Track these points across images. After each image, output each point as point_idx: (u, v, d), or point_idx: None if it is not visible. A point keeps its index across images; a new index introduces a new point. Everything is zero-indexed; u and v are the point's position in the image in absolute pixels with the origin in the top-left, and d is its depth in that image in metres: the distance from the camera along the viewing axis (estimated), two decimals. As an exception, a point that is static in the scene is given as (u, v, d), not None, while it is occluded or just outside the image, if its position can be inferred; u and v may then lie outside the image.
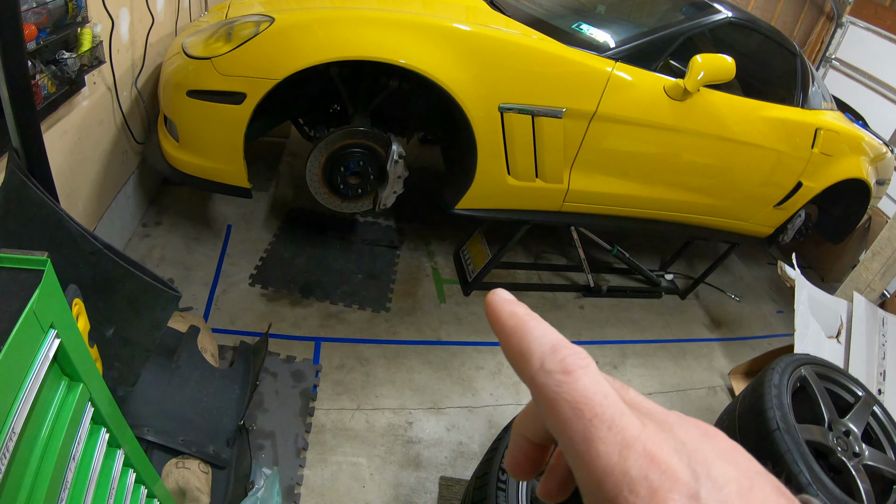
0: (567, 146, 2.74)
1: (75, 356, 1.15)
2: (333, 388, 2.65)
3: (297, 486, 2.22)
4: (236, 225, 3.52)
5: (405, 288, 3.31)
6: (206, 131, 2.57)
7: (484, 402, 2.70)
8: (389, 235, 3.67)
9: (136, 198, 3.25)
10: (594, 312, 3.40)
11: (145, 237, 3.24)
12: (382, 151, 2.81)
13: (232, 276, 3.15)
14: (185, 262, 3.16)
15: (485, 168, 2.71)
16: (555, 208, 2.96)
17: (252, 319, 2.92)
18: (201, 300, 2.96)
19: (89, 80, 2.40)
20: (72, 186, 2.44)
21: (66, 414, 1.14)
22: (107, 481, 1.34)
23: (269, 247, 3.41)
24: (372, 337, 2.96)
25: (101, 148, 2.70)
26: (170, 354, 2.32)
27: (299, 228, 3.58)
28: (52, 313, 1.05)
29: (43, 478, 1.04)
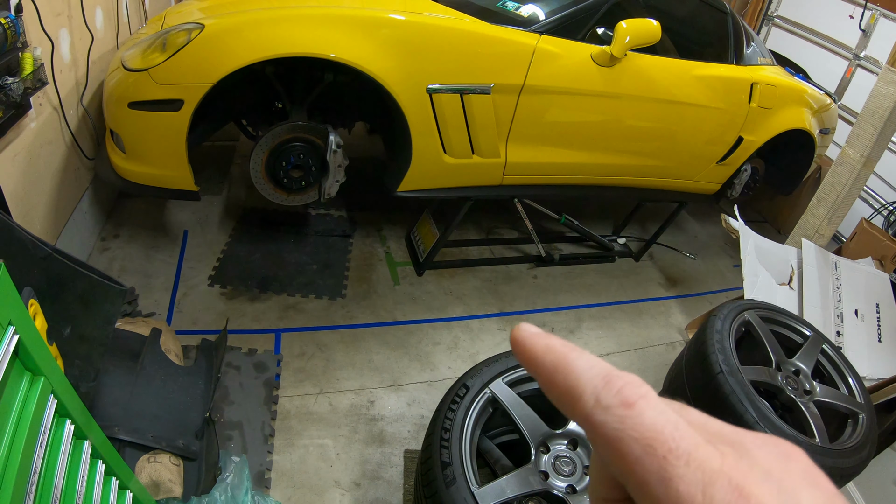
0: (499, 120, 2.94)
1: (35, 351, 1.35)
2: (295, 375, 2.86)
3: (267, 471, 2.43)
4: (192, 230, 3.70)
5: (360, 274, 3.53)
6: (149, 140, 2.74)
7: (443, 376, 2.93)
8: (341, 225, 3.88)
9: (93, 213, 3.42)
10: (548, 281, 3.63)
11: (105, 250, 3.42)
12: (321, 143, 2.99)
13: (191, 280, 3.34)
14: (146, 270, 3.35)
15: (420, 149, 2.91)
16: (495, 182, 3.17)
17: (213, 318, 3.12)
18: (163, 305, 3.16)
19: (35, 102, 2.57)
20: (27, 206, 2.61)
21: (30, 406, 1.34)
22: (76, 471, 1.55)
23: (225, 247, 3.60)
24: (330, 323, 3.17)
25: (53, 167, 2.87)
26: (135, 357, 2.52)
27: (254, 227, 3.78)
28: (8, 312, 1.24)
29: (12, 464, 1.23)
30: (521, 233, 3.94)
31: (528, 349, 0.34)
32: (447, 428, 1.85)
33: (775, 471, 0.27)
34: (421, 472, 1.93)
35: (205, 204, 3.89)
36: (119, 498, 1.82)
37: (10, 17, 2.20)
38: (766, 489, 0.26)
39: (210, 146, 4.27)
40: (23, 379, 1.36)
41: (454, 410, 1.86)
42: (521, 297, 3.48)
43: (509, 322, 3.29)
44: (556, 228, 3.91)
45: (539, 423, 1.90)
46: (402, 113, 2.78)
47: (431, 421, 1.99)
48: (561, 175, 3.28)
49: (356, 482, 2.43)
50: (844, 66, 4.98)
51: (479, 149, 3.00)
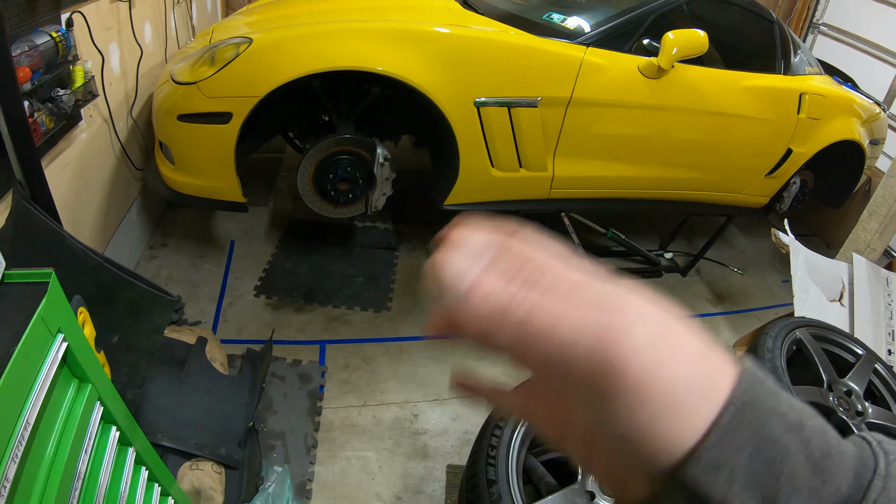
0: (547, 134, 2.87)
1: (83, 359, 1.32)
2: (339, 387, 2.81)
3: (309, 482, 2.38)
4: (239, 241, 3.71)
5: (405, 287, 3.47)
6: (198, 152, 2.76)
7: (486, 391, 2.84)
8: (387, 238, 3.83)
9: (141, 222, 3.45)
10: None
11: (152, 259, 3.44)
12: (368, 156, 2.97)
13: (237, 290, 3.33)
14: (192, 279, 3.35)
15: (468, 163, 2.86)
16: (543, 196, 3.09)
17: (258, 328, 3.09)
18: (209, 314, 3.15)
19: (85, 114, 2.60)
20: (77, 215, 2.63)
21: (76, 412, 1.31)
22: (119, 476, 1.51)
23: (271, 258, 3.59)
24: (375, 336, 3.12)
25: (103, 177, 2.90)
26: (180, 365, 2.50)
27: (300, 239, 3.76)
28: (58, 319, 1.21)
29: (57, 468, 1.20)
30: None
31: None
32: (494, 445, 1.76)
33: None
34: (466, 488, 1.85)
35: (251, 215, 3.89)
36: None
37: (61, 31, 2.22)
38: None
39: (257, 158, 4.28)
40: (70, 385, 1.33)
41: (501, 427, 1.78)
42: None
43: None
44: (603, 243, 3.80)
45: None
46: (450, 126, 2.74)
47: (478, 437, 1.91)
48: (608, 189, 3.19)
49: (398, 496, 2.35)
50: (893, 74, 4.76)
51: (527, 162, 2.93)
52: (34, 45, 2.04)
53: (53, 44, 2.17)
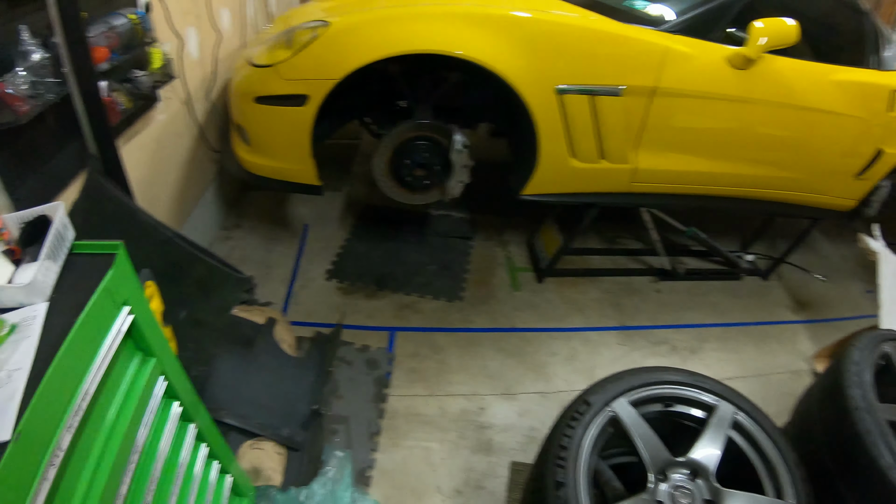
0: (629, 124, 2.75)
1: (148, 332, 1.33)
2: (407, 375, 2.79)
3: (369, 469, 2.37)
4: (313, 225, 3.75)
5: (479, 277, 3.41)
6: (274, 134, 2.79)
7: (557, 388, 2.75)
8: (462, 227, 3.78)
9: (217, 203, 3.53)
10: (672, 296, 3.36)
11: (226, 240, 3.52)
12: (446, 142, 2.92)
13: (309, 273, 3.37)
14: (265, 260, 3.41)
15: (547, 152, 2.77)
16: (623, 189, 2.97)
17: (328, 312, 3.11)
18: (280, 296, 3.19)
19: (164, 96, 2.67)
20: (154, 194, 2.71)
21: (138, 385, 1.32)
22: (178, 451, 1.52)
23: (344, 243, 3.61)
24: (446, 325, 3.08)
25: (180, 158, 2.98)
26: (248, 344, 2.53)
27: (374, 225, 3.77)
28: (124, 292, 1.22)
29: (115, 439, 1.20)
30: (646, 244, 3.69)
31: None
32: (564, 446, 1.68)
33: None
34: (530, 489, 1.78)
35: (326, 200, 3.94)
36: (219, 481, 1.81)
37: (139, 14, 2.28)
38: None
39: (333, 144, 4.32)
40: (134, 359, 1.35)
41: (573, 427, 1.69)
42: (643, 310, 3.24)
43: (629, 337, 3.06)
44: (682, 241, 3.62)
45: (660, 449, 1.69)
46: (530, 114, 2.66)
47: (547, 437, 1.83)
48: (690, 185, 3.03)
49: (458, 489, 2.31)
50: None
51: (608, 153, 2.82)
52: (111, 27, 2.09)
53: (131, 26, 2.22)
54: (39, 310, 1.11)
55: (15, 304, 1.12)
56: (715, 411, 1.75)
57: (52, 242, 1.15)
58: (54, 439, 1.00)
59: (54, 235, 1.15)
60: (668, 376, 1.80)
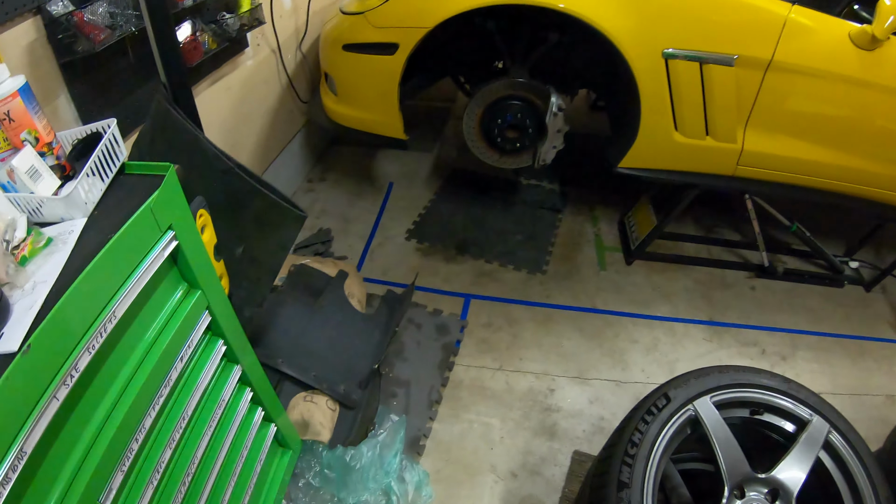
0: (740, 99, 2.49)
1: (195, 262, 1.28)
2: (477, 345, 2.68)
3: (424, 437, 2.30)
4: (398, 182, 3.68)
5: (564, 252, 3.24)
6: (362, 83, 2.72)
7: (633, 378, 2.57)
8: (552, 198, 3.61)
9: (303, 154, 3.53)
10: (766, 295, 3.06)
11: (309, 191, 3.52)
12: (541, 104, 2.76)
13: (389, 230, 3.31)
14: (346, 215, 3.38)
15: (649, 122, 2.56)
16: (727, 172, 2.71)
17: (404, 272, 3.05)
18: (356, 251, 3.15)
19: (253, 42, 2.66)
20: (236, 138, 2.72)
21: (178, 317, 1.27)
22: (218, 392, 1.48)
23: (428, 204, 3.53)
24: (524, 298, 2.94)
25: (267, 105, 2.98)
26: (316, 295, 2.50)
27: (460, 188, 3.66)
28: (170, 215, 1.17)
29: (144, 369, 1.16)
30: (744, 236, 3.40)
31: None
32: (635, 443, 1.52)
33: None
34: (590, 485, 1.63)
35: (413, 160, 3.86)
36: (261, 428, 1.78)
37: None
38: None
39: (426, 106, 4.23)
40: (178, 288, 1.30)
41: (647, 423, 1.52)
42: (734, 307, 2.97)
43: (717, 333, 2.81)
44: (781, 237, 3.29)
45: (741, 461, 1.49)
46: (634, 79, 2.46)
47: (618, 430, 1.67)
48: (800, 174, 2.72)
49: (513, 472, 2.20)
50: None
51: (714, 130, 2.57)
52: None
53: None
54: (77, 225, 1.07)
55: (56, 219, 1.09)
56: (807, 427, 1.53)
57: (98, 158, 1.10)
58: (70, 358, 0.95)
59: (101, 151, 1.10)
60: (760, 380, 1.59)
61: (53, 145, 1.13)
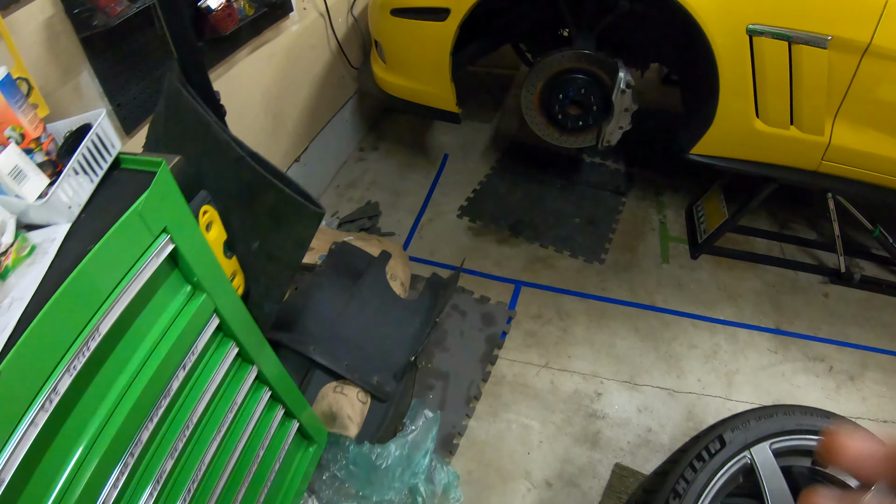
0: (832, 86, 2.23)
1: (198, 264, 1.20)
2: (524, 338, 2.57)
3: (458, 435, 2.21)
4: (453, 155, 3.55)
5: (625, 240, 3.06)
6: (411, 51, 2.59)
7: (688, 388, 2.40)
8: (616, 180, 3.40)
9: (354, 122, 3.43)
10: (840, 305, 2.80)
11: (360, 161, 3.42)
12: (608, 79, 2.56)
13: (440, 206, 3.20)
14: (396, 187, 3.28)
15: (728, 106, 2.34)
16: (810, 167, 2.46)
17: (453, 252, 2.94)
18: (405, 227, 3.06)
19: (298, 6, 2.54)
20: (281, 107, 2.63)
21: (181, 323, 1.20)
22: (231, 395, 1.42)
23: (483, 179, 3.39)
24: (578, 289, 2.79)
25: (314, 72, 2.87)
26: (356, 277, 2.42)
27: (519, 163, 3.49)
28: (163, 217, 1.08)
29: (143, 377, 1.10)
30: (821, 234, 3.13)
31: None
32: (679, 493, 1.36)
33: None
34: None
35: (471, 131, 3.70)
36: (282, 425, 1.72)
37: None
38: None
39: (487, 73, 4.03)
40: (180, 292, 1.22)
41: (696, 471, 1.37)
42: (804, 315, 2.73)
43: (783, 344, 2.59)
44: (865, 241, 2.99)
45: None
46: (713, 56, 2.23)
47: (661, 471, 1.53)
48: (892, 175, 2.43)
49: (548, 481, 2.10)
50: None
51: (800, 119, 2.32)
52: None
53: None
54: (59, 232, 1.00)
55: (44, 221, 1.02)
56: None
57: (84, 155, 1.02)
58: (49, 381, 0.90)
59: (87, 147, 1.02)
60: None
61: (42, 140, 1.05)
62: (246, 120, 2.46)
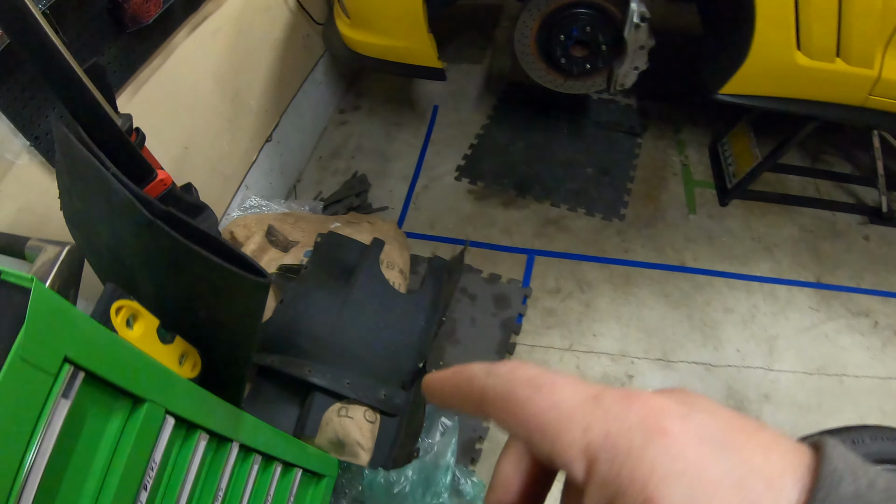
0: (886, 15, 1.93)
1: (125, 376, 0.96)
2: (543, 318, 2.35)
3: (480, 440, 2.04)
4: (444, 105, 3.23)
5: (645, 189, 2.78)
6: (376, 2, 2.25)
7: (726, 360, 2.19)
8: (630, 118, 3.07)
9: (329, 82, 3.11)
10: (882, 248, 2.54)
11: (341, 125, 3.12)
12: (617, 12, 2.23)
13: (435, 168, 2.92)
14: (384, 151, 2.99)
15: (765, 37, 2.02)
16: (856, 102, 2.17)
17: (455, 222, 2.69)
18: (398, 197, 2.80)
19: None
20: (238, 86, 2.34)
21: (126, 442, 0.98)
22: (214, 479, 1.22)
23: (480, 131, 3.08)
24: (599, 254, 2.55)
25: (273, 37, 2.56)
26: (347, 276, 2.18)
27: (518, 108, 3.18)
28: (60, 345, 0.84)
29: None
30: (857, 167, 2.84)
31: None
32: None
33: None
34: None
35: (462, 75, 3.35)
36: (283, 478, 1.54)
37: None
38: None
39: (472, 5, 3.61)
40: (113, 411, 0.99)
41: None
42: (845, 263, 2.49)
43: (825, 299, 2.36)
44: None
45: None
46: None
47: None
48: None
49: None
50: None
51: (847, 51, 2.02)
52: None
53: None
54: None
55: None
56: None
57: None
58: None
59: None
60: None
61: None
62: (198, 112, 2.16)
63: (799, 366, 2.18)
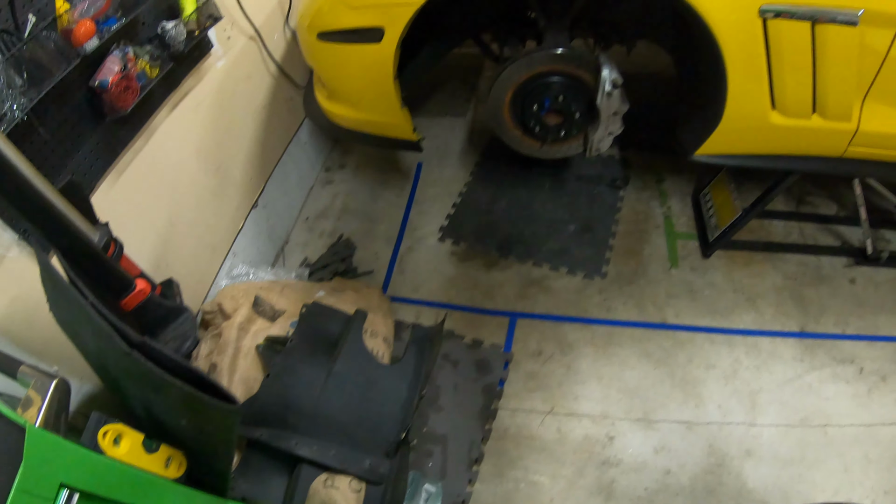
0: (862, 67, 2.07)
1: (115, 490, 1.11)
2: (525, 381, 2.51)
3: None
4: (427, 162, 3.43)
5: (628, 244, 2.94)
6: (350, 79, 2.45)
7: (708, 418, 2.34)
8: (612, 170, 3.26)
9: (314, 143, 3.30)
10: (868, 290, 2.69)
11: (328, 184, 3.31)
12: (590, 79, 2.38)
13: (419, 229, 3.10)
14: (370, 212, 3.17)
15: (739, 100, 2.17)
16: (835, 154, 2.33)
17: (438, 286, 2.87)
18: (383, 261, 2.98)
19: (221, 38, 2.37)
20: (221, 158, 2.50)
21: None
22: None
23: (463, 189, 3.28)
24: (581, 314, 2.71)
25: (256, 104, 2.73)
26: (331, 348, 2.32)
27: (501, 163, 3.37)
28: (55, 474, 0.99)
29: None
30: (842, 207, 3.00)
31: None
32: None
33: None
34: None
35: (445, 129, 3.55)
36: None
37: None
38: None
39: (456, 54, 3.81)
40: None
41: None
42: (830, 309, 2.63)
43: (809, 349, 2.50)
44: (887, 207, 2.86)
45: None
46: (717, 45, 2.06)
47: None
48: None
49: (565, 546, 2.06)
50: None
51: (824, 107, 2.17)
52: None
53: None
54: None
55: None
56: None
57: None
58: None
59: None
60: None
61: None
62: (182, 188, 2.33)
63: (782, 419, 2.30)
